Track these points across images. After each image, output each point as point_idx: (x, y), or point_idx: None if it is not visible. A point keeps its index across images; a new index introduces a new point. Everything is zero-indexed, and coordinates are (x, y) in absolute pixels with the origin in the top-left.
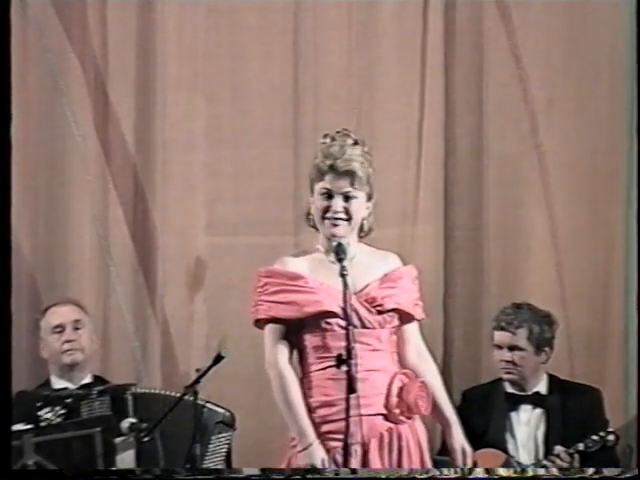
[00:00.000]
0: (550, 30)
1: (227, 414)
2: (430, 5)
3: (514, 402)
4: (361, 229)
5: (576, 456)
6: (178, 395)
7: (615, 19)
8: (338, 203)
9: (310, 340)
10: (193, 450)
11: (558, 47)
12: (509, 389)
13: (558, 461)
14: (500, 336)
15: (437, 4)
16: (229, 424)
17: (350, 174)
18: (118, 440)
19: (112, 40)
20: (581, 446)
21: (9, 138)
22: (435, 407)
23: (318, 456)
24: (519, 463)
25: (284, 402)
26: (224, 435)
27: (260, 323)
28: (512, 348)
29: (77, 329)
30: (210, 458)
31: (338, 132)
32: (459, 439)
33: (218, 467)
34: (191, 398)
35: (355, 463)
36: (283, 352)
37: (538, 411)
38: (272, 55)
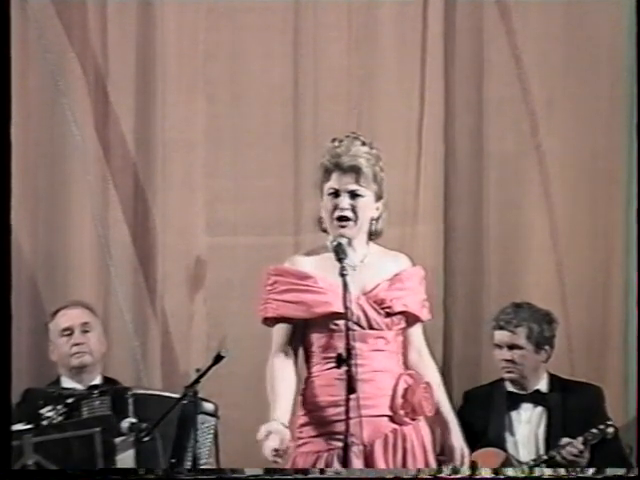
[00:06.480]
0: (550, 30)
1: (209, 405)
2: (430, 5)
3: (515, 401)
4: (371, 231)
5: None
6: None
7: (615, 19)
8: (345, 201)
9: (317, 340)
10: (178, 443)
11: (558, 47)
12: (510, 388)
13: (569, 447)
14: (500, 335)
15: (437, 4)
16: (212, 414)
17: (355, 170)
18: (118, 440)
19: (112, 40)
20: (580, 439)
21: (9, 138)
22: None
23: (268, 446)
24: (519, 462)
25: (269, 389)
26: (207, 425)
27: (268, 321)
28: (512, 347)
29: (86, 332)
30: (195, 449)
31: (348, 136)
32: (458, 439)
33: (209, 461)
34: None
35: (359, 464)
36: (285, 351)
37: (539, 409)
38: (272, 55)
